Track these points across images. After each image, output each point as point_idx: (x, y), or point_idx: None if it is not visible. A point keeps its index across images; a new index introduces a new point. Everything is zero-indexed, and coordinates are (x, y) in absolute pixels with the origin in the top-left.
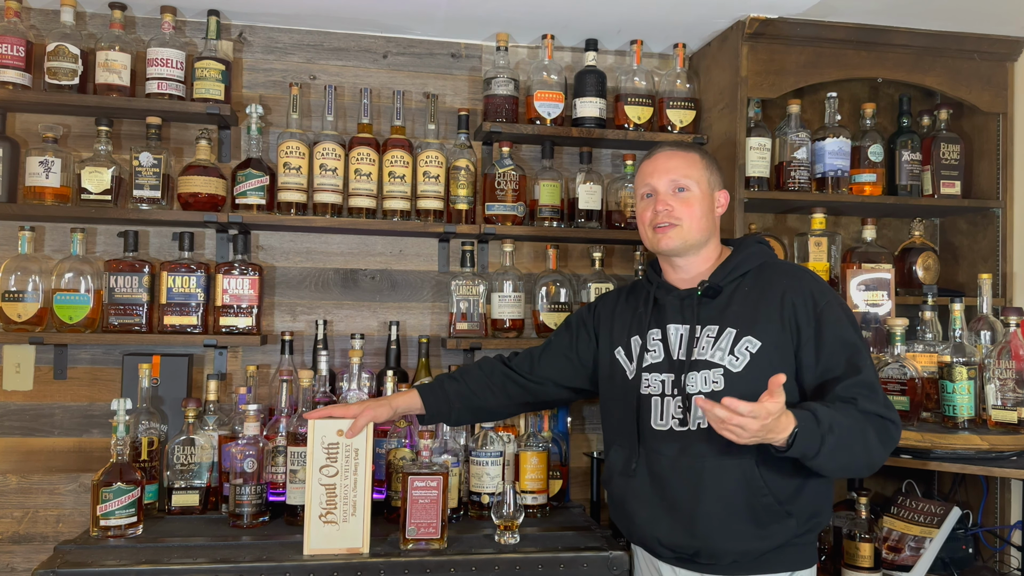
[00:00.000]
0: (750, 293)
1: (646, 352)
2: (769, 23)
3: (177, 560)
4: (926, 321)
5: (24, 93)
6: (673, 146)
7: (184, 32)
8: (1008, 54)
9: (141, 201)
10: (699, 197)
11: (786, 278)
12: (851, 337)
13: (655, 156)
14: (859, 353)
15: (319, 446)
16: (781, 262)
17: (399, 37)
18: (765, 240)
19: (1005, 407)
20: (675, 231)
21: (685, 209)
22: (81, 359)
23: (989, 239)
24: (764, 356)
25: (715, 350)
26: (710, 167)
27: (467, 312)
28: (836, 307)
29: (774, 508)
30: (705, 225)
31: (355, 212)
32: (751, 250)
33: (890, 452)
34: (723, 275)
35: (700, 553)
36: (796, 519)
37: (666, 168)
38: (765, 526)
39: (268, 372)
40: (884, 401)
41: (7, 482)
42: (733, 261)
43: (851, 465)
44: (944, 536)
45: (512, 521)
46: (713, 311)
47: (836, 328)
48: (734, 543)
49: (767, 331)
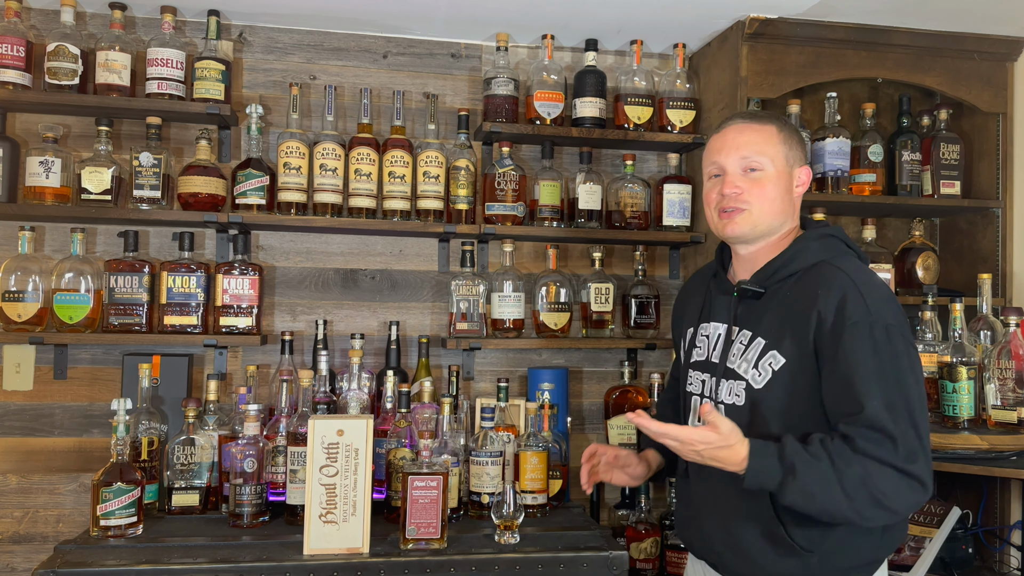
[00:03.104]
0: (788, 299)
1: (694, 348)
2: (769, 23)
3: (177, 560)
4: (926, 321)
5: (24, 93)
6: (746, 118)
7: (184, 32)
8: (1008, 54)
9: (141, 201)
10: (773, 177)
11: (825, 288)
12: (869, 369)
13: (725, 130)
14: (871, 388)
15: (319, 446)
16: (838, 263)
17: (399, 37)
18: (839, 233)
19: (1005, 407)
20: (743, 216)
21: (757, 190)
22: (81, 359)
23: (989, 239)
24: (786, 375)
25: (742, 360)
26: (789, 140)
27: (467, 312)
28: (864, 328)
29: (786, 542)
30: (779, 208)
31: (355, 212)
32: (810, 245)
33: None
34: (766, 275)
35: (719, 567)
36: (819, 558)
37: (736, 144)
38: (782, 557)
39: (268, 372)
40: (906, 453)
41: (7, 482)
42: (783, 258)
43: (830, 513)
44: (944, 536)
45: (512, 521)
46: (752, 313)
47: (852, 355)
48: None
49: (792, 348)
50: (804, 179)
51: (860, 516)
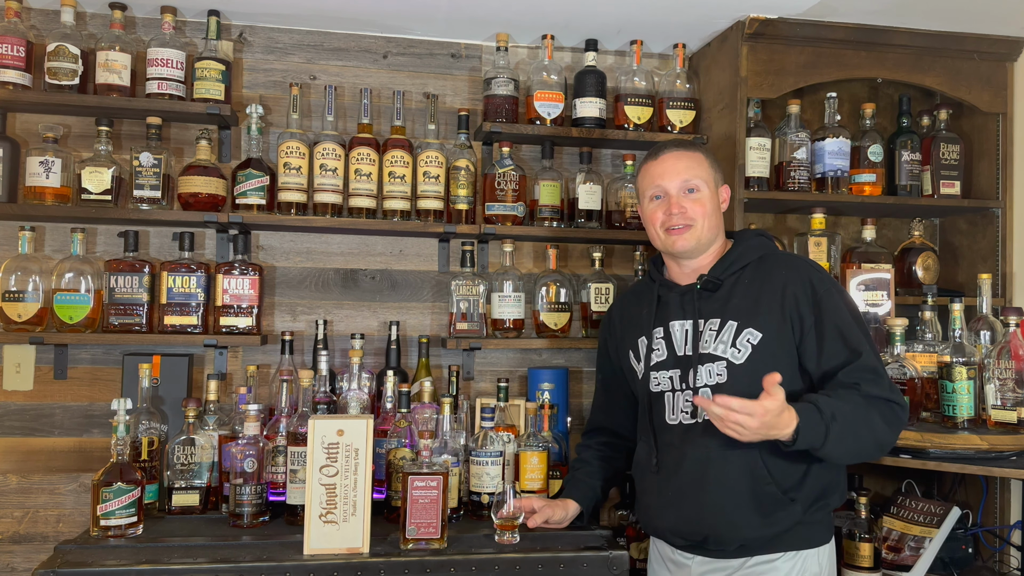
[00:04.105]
0: (750, 285)
1: (652, 352)
2: (769, 23)
3: (177, 560)
4: (926, 321)
5: (24, 93)
6: (678, 146)
7: (184, 32)
8: (1008, 54)
9: (141, 201)
10: (709, 196)
11: (786, 269)
12: (851, 323)
13: (662, 157)
14: (860, 338)
15: (319, 446)
16: (781, 253)
17: (399, 37)
18: (765, 232)
19: (1005, 407)
20: (690, 232)
21: (698, 209)
22: (81, 359)
23: (989, 239)
24: (766, 347)
25: (717, 343)
26: (714, 164)
27: (467, 312)
28: (835, 295)
29: (777, 496)
30: (715, 222)
31: (355, 212)
32: (751, 243)
33: (898, 433)
34: (722, 268)
35: (708, 540)
36: (800, 504)
37: (676, 169)
38: (770, 514)
39: (268, 372)
40: (888, 384)
41: (7, 482)
42: (733, 254)
43: (860, 450)
44: (944, 536)
45: (512, 521)
46: (714, 304)
47: (835, 315)
48: (739, 531)
49: (768, 323)
50: (725, 196)
51: (881, 446)
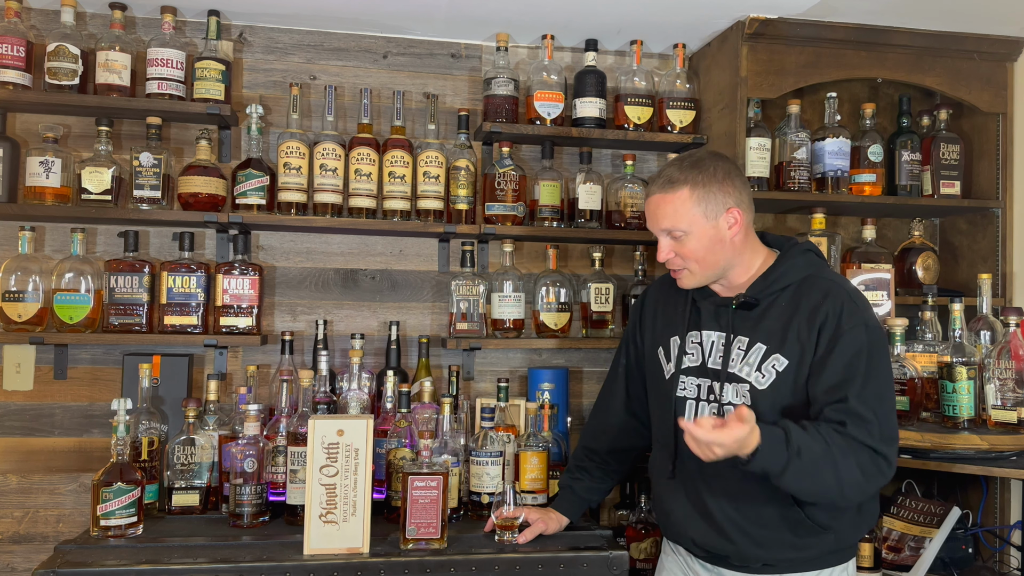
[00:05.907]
0: (786, 308)
1: (684, 355)
2: (769, 23)
3: (177, 560)
4: (926, 321)
5: (24, 93)
6: (661, 187)
7: (184, 32)
8: (1008, 54)
9: (141, 201)
10: (698, 236)
11: (822, 296)
12: (861, 367)
13: (648, 199)
14: (863, 383)
15: (319, 446)
16: (824, 276)
17: (399, 37)
18: (814, 248)
19: (1005, 407)
20: (686, 274)
21: (687, 252)
22: (81, 359)
23: (989, 239)
24: (789, 375)
25: (743, 364)
26: (704, 196)
27: (467, 312)
28: (860, 334)
29: (807, 524)
30: (717, 257)
31: (355, 212)
32: (796, 261)
33: (875, 487)
34: (761, 288)
35: (732, 556)
36: (836, 535)
37: (656, 218)
38: (802, 538)
39: (268, 372)
40: (880, 435)
41: (7, 482)
42: (775, 272)
43: (819, 493)
44: (944, 536)
45: (512, 521)
46: (747, 322)
47: (849, 353)
48: (767, 551)
49: (794, 349)
50: (734, 220)
51: (844, 497)
